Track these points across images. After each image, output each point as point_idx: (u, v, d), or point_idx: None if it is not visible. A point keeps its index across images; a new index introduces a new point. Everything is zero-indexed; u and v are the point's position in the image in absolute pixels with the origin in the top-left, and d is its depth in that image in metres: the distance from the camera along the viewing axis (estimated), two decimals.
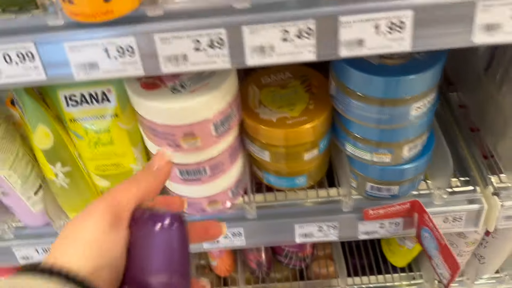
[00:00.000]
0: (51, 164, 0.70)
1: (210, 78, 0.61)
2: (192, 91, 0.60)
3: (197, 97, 0.59)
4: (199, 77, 0.62)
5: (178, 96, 0.60)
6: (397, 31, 0.48)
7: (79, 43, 0.48)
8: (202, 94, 0.59)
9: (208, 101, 0.60)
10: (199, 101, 0.59)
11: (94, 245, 0.37)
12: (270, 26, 0.47)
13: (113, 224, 0.38)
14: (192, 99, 0.59)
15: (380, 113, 0.63)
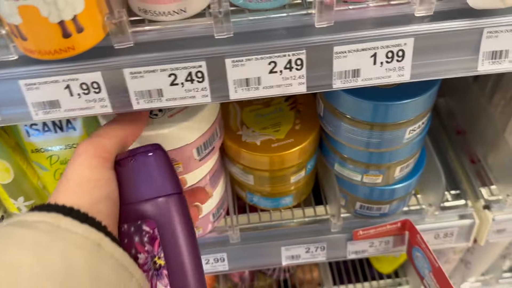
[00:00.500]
0: (13, 199, 0.63)
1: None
2: (170, 115, 0.54)
3: (175, 124, 0.53)
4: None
5: (155, 121, 0.54)
6: (396, 61, 0.43)
7: (36, 80, 0.42)
8: (181, 120, 0.53)
9: (188, 127, 0.54)
10: (179, 127, 0.53)
11: (86, 183, 0.39)
12: (257, 57, 0.42)
13: (100, 165, 0.41)
14: (169, 126, 0.53)
15: (372, 137, 0.59)
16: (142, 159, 0.42)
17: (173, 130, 0.53)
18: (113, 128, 0.45)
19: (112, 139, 0.43)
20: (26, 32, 0.37)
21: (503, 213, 0.74)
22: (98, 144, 0.42)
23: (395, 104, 0.54)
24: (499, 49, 0.43)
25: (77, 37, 0.38)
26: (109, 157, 0.42)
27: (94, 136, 0.43)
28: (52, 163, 0.60)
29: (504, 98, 0.73)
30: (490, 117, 0.76)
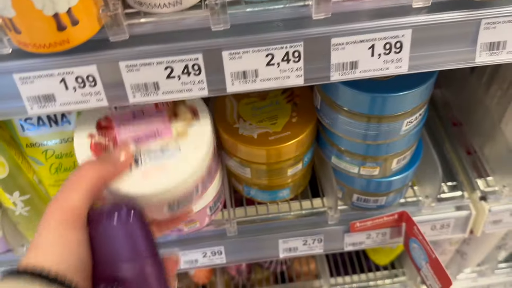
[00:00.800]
0: (8, 193, 0.62)
1: (171, 153, 0.51)
2: (145, 172, 0.50)
3: (149, 184, 0.48)
4: (158, 152, 0.51)
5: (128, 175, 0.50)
6: (394, 52, 0.43)
7: (31, 74, 0.41)
8: (156, 179, 0.49)
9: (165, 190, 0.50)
10: (152, 188, 0.49)
11: (60, 246, 0.38)
12: (254, 50, 0.41)
13: (70, 227, 0.39)
14: (142, 185, 0.48)
15: (369, 129, 0.58)
16: (117, 219, 0.41)
17: (145, 191, 0.49)
18: (84, 176, 0.42)
19: (82, 192, 0.41)
20: (20, 25, 0.36)
21: (499, 204, 0.75)
22: (66, 204, 0.40)
23: (392, 96, 0.54)
24: (496, 40, 0.43)
25: (72, 30, 0.37)
26: (79, 214, 0.40)
27: (62, 192, 0.41)
28: (48, 157, 0.60)
29: (500, 89, 0.73)
30: (486, 108, 0.76)
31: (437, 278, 0.69)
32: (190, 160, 0.50)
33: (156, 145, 0.51)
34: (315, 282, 1.11)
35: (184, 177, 0.49)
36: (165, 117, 0.53)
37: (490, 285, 1.09)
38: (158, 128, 0.52)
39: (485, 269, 1.08)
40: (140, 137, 0.51)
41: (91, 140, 0.52)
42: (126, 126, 0.52)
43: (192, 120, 0.53)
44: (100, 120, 0.53)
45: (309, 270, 1.15)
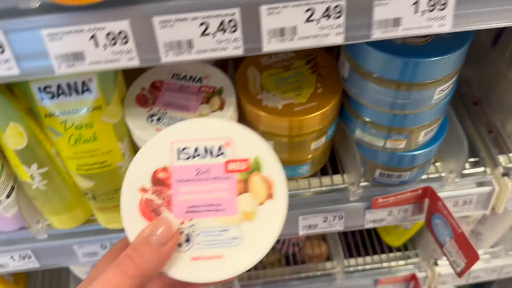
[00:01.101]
0: (26, 166, 0.61)
1: (231, 239, 0.42)
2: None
3: (197, 273, 0.41)
4: (215, 233, 0.42)
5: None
6: (438, 9, 0.41)
7: (59, 29, 0.39)
8: (207, 269, 0.42)
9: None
10: (200, 278, 0.41)
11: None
12: (293, 4, 0.39)
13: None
14: (189, 272, 0.41)
15: (400, 97, 0.57)
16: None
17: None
18: (119, 276, 0.35)
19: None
20: None
21: None
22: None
23: (424, 61, 0.52)
24: None
25: None
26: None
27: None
28: (67, 128, 0.58)
29: None
30: (510, 83, 0.74)
31: (462, 253, 0.68)
32: (253, 253, 0.41)
33: (214, 223, 0.41)
34: (328, 263, 1.10)
35: (240, 271, 0.41)
36: (234, 186, 0.42)
37: (504, 266, 1.08)
38: (222, 201, 0.42)
39: (499, 251, 1.07)
40: (198, 207, 0.42)
41: (142, 196, 0.42)
42: (185, 185, 0.42)
43: (265, 199, 0.42)
44: (158, 170, 0.43)
45: (320, 252, 1.14)
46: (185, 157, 0.43)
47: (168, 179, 0.42)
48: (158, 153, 0.43)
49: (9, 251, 0.73)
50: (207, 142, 0.43)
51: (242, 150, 0.43)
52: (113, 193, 0.65)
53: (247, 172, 0.43)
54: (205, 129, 0.44)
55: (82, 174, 0.63)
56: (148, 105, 0.61)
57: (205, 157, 0.43)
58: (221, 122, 0.44)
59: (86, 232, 0.73)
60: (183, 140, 0.43)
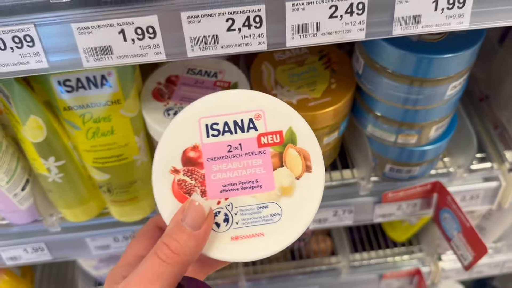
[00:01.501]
0: (43, 158, 0.61)
1: (270, 216, 0.41)
2: (234, 235, 0.47)
3: (237, 252, 0.39)
4: (253, 211, 0.41)
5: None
6: (457, 7, 0.42)
7: (90, 24, 0.40)
8: (248, 248, 0.40)
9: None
10: (240, 257, 0.40)
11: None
12: (318, 1, 0.40)
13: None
14: (230, 252, 0.39)
15: (413, 93, 0.58)
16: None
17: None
18: (159, 264, 0.35)
19: (156, 283, 0.35)
20: None
21: None
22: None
23: (439, 58, 0.54)
24: None
25: None
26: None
27: (134, 281, 0.35)
28: (85, 121, 0.59)
29: None
30: None
31: (470, 247, 0.70)
32: (294, 229, 0.39)
33: (252, 200, 0.40)
34: (333, 258, 1.11)
35: (282, 247, 0.39)
36: (268, 161, 0.40)
37: (506, 261, 1.09)
38: (258, 177, 0.40)
39: (501, 246, 1.08)
40: (233, 185, 0.40)
41: (174, 177, 0.40)
42: (218, 163, 0.40)
43: (302, 172, 0.40)
44: (188, 149, 0.41)
45: (325, 247, 1.16)
46: (214, 133, 0.41)
47: (199, 158, 0.40)
48: (185, 131, 0.41)
49: (23, 244, 0.74)
50: (236, 116, 0.41)
51: (273, 122, 0.41)
52: (128, 186, 0.66)
53: (281, 145, 0.40)
54: (232, 102, 0.41)
55: (98, 167, 0.64)
56: (164, 99, 0.62)
57: (235, 132, 0.41)
58: (249, 93, 0.42)
59: (98, 225, 0.74)
60: (211, 116, 0.41)
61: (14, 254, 0.76)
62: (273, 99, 0.41)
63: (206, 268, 0.43)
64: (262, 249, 0.39)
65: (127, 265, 0.38)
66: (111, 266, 1.02)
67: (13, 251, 0.75)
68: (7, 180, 0.65)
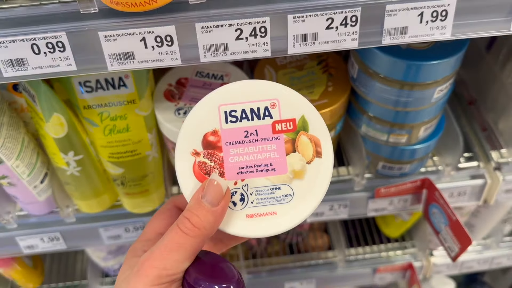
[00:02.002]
0: (64, 153, 0.67)
1: (282, 196, 0.45)
2: (249, 213, 0.51)
3: (252, 229, 0.44)
4: (267, 192, 0.45)
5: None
6: (440, 20, 0.48)
7: (115, 32, 0.46)
8: (262, 225, 0.44)
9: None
10: (255, 233, 0.44)
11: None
12: (316, 14, 0.46)
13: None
14: (245, 228, 0.44)
15: (403, 96, 0.63)
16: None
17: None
18: (180, 244, 0.39)
19: (178, 252, 0.39)
20: None
21: None
22: (163, 269, 0.39)
23: (427, 64, 0.59)
24: None
25: None
26: (174, 278, 0.39)
27: (157, 250, 0.39)
28: (103, 119, 0.64)
29: None
30: (502, 84, 0.81)
31: (456, 239, 0.75)
32: (303, 209, 0.43)
33: (266, 182, 0.44)
34: (329, 252, 1.16)
35: (292, 226, 0.43)
36: (282, 146, 0.44)
37: (495, 257, 1.15)
38: (272, 161, 0.44)
39: (491, 242, 1.14)
40: (249, 167, 0.44)
41: (195, 159, 0.44)
42: (235, 147, 0.44)
43: (313, 157, 0.44)
44: (208, 134, 0.45)
45: (322, 243, 1.21)
46: (233, 119, 0.44)
47: (218, 142, 0.44)
48: (206, 117, 0.44)
49: (40, 233, 0.79)
50: (253, 104, 0.44)
51: (287, 111, 0.44)
52: (140, 179, 0.72)
53: (294, 132, 0.44)
54: (249, 91, 0.45)
55: (113, 162, 0.69)
56: (175, 99, 0.68)
57: (252, 119, 0.44)
58: (264, 83, 0.45)
59: (111, 216, 0.80)
60: (229, 103, 0.45)
61: (32, 243, 0.81)
62: (288, 89, 0.45)
63: (220, 245, 0.48)
64: (274, 226, 0.43)
65: (147, 240, 0.44)
66: (119, 257, 1.07)
67: (31, 240, 0.80)
68: (28, 173, 0.70)
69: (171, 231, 0.40)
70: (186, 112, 0.66)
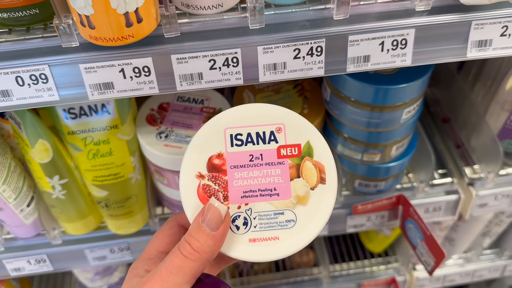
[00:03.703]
0: (49, 177, 0.69)
1: (285, 221, 0.45)
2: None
3: (255, 253, 0.44)
4: (270, 216, 0.44)
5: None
6: (400, 48, 0.51)
7: (95, 64, 0.48)
8: (265, 249, 0.44)
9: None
10: (258, 258, 0.44)
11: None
12: (284, 45, 0.49)
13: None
14: (248, 252, 0.44)
15: (373, 118, 0.67)
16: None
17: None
18: (181, 259, 0.40)
19: (178, 275, 0.40)
20: (96, 21, 0.43)
21: (484, 189, 0.84)
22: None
23: (393, 88, 0.63)
24: (484, 39, 0.52)
25: (137, 27, 0.45)
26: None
27: (158, 273, 0.40)
28: (87, 144, 0.67)
29: (484, 86, 0.83)
30: (472, 103, 0.85)
31: (431, 253, 0.78)
32: (306, 235, 0.43)
33: (269, 207, 0.44)
34: (314, 269, 1.18)
35: (294, 251, 0.43)
36: (286, 171, 0.44)
37: (476, 270, 1.17)
38: (276, 186, 0.44)
39: (471, 255, 1.17)
40: (253, 191, 0.44)
41: (200, 182, 0.44)
42: (240, 171, 0.44)
43: (317, 184, 0.44)
44: (213, 157, 0.45)
45: (308, 260, 1.23)
46: (238, 143, 0.44)
47: (223, 165, 0.44)
48: (212, 140, 0.45)
49: (26, 256, 0.81)
50: (259, 128, 0.45)
51: (293, 136, 0.44)
52: (124, 201, 0.74)
53: (299, 157, 0.44)
54: (256, 115, 0.45)
55: (97, 185, 0.71)
56: (156, 124, 0.71)
57: (257, 143, 0.44)
58: (271, 107, 0.45)
59: (97, 237, 0.82)
60: (235, 127, 0.45)
61: (18, 266, 0.82)
62: (294, 114, 0.46)
63: (222, 263, 0.49)
64: (276, 251, 0.43)
65: (148, 259, 0.45)
66: (106, 278, 1.09)
67: (17, 263, 0.82)
68: (14, 197, 0.72)
69: (172, 253, 0.41)
70: (167, 136, 0.69)
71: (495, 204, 0.86)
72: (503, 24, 0.51)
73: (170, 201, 0.77)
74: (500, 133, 0.80)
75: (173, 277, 0.40)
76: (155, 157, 0.68)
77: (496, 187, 0.84)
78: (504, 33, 0.51)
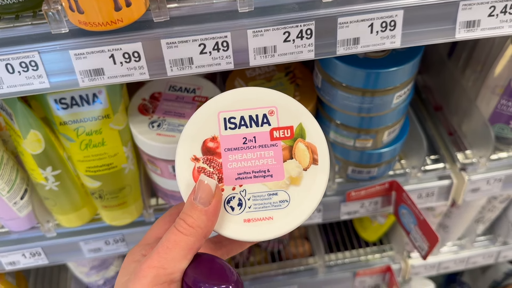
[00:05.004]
0: (42, 168, 0.69)
1: (279, 202, 0.45)
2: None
3: (250, 232, 0.45)
4: (264, 197, 0.45)
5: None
6: (389, 30, 0.52)
7: (84, 50, 0.48)
8: (259, 229, 0.45)
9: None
10: (253, 237, 0.45)
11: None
12: (274, 28, 0.49)
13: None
14: (242, 232, 0.45)
15: (364, 103, 0.67)
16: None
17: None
18: (179, 244, 0.41)
19: (174, 250, 0.40)
20: (84, 6, 0.43)
21: (476, 173, 0.84)
22: (160, 267, 0.40)
23: (384, 72, 0.63)
24: (472, 19, 0.52)
25: (126, 11, 0.45)
26: (172, 278, 0.40)
27: (155, 251, 0.41)
28: (79, 134, 0.66)
29: (475, 71, 0.83)
30: (463, 88, 0.85)
31: (425, 238, 0.78)
32: (299, 215, 0.44)
33: (263, 187, 0.45)
34: (310, 259, 1.19)
35: (287, 230, 0.44)
36: (279, 153, 0.45)
37: (470, 256, 1.18)
38: (270, 168, 0.45)
39: (465, 242, 1.17)
40: (247, 173, 0.45)
41: (195, 165, 0.45)
42: (234, 154, 0.45)
43: (309, 164, 0.45)
44: (207, 140, 0.46)
45: (304, 251, 1.24)
46: (232, 126, 0.45)
47: (217, 148, 0.45)
48: (206, 123, 0.46)
49: (21, 249, 0.81)
50: (252, 111, 0.46)
51: (285, 118, 0.46)
52: (117, 192, 0.74)
53: (291, 139, 0.45)
54: (248, 98, 0.46)
55: (90, 175, 0.71)
56: (149, 113, 0.71)
57: (250, 126, 0.45)
58: (263, 91, 0.47)
59: (91, 229, 0.81)
60: (229, 110, 0.46)
61: (13, 259, 0.82)
62: (286, 97, 0.47)
63: (220, 252, 0.49)
64: (270, 231, 0.44)
65: (146, 245, 0.45)
66: (102, 272, 1.09)
67: (12, 257, 0.82)
68: (7, 189, 0.72)
69: (168, 232, 0.42)
70: (160, 125, 0.69)
71: (488, 189, 0.86)
72: (491, 4, 0.51)
73: (164, 192, 0.77)
74: (491, 118, 0.81)
75: (170, 252, 0.40)
76: (147, 146, 0.68)
77: (488, 171, 0.84)
78: (492, 13, 0.52)
